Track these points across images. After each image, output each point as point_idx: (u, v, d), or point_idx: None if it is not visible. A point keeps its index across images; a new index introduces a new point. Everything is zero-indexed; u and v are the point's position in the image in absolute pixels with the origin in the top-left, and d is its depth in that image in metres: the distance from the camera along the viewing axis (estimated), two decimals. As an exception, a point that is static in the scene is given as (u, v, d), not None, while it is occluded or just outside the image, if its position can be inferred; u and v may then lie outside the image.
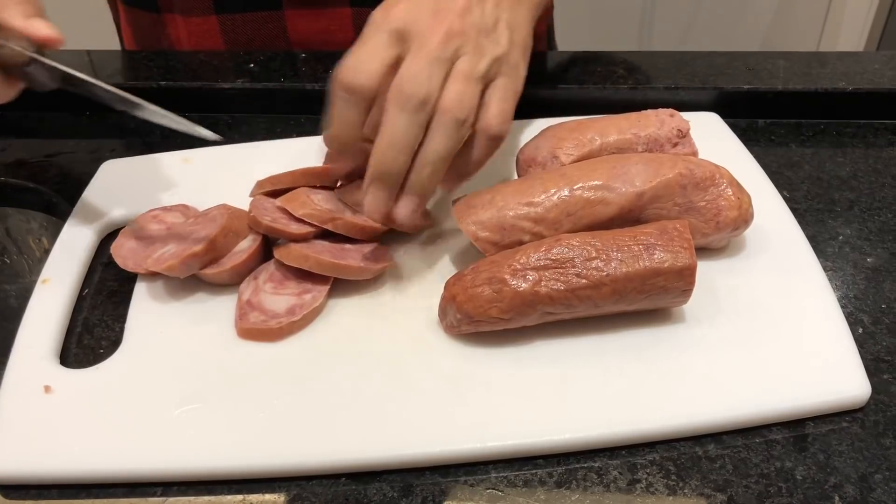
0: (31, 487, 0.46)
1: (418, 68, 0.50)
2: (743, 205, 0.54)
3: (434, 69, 0.51)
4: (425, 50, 0.51)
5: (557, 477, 0.45)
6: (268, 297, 0.53)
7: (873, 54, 0.79)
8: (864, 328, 0.53)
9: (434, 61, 0.51)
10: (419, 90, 0.50)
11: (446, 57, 0.51)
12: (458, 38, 0.52)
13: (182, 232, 0.56)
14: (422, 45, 0.51)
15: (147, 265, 0.54)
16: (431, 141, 0.51)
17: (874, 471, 0.45)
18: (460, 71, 0.52)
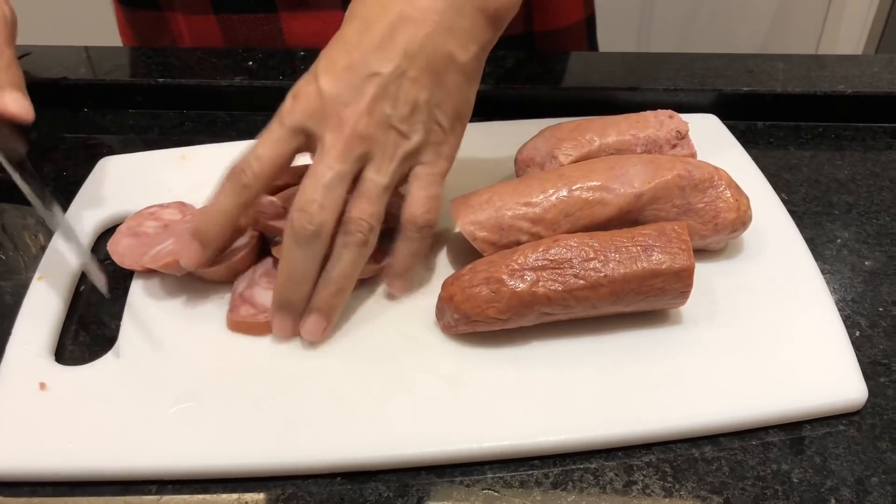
0: (25, 484, 0.45)
1: (311, 196, 0.48)
2: (741, 207, 0.54)
3: (330, 192, 0.48)
4: (322, 165, 0.48)
5: (553, 478, 0.45)
6: (261, 291, 0.53)
7: (872, 57, 0.79)
8: (861, 331, 0.53)
9: (331, 182, 0.48)
10: (310, 224, 0.48)
11: (346, 170, 0.49)
12: (363, 144, 0.49)
13: (179, 229, 0.56)
14: (321, 157, 0.49)
15: (144, 262, 0.54)
16: (334, 262, 0.50)
17: (870, 474, 0.45)
18: (366, 186, 0.49)
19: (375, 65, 0.49)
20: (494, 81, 0.74)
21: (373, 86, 0.48)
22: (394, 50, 0.49)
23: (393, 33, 0.49)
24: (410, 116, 0.50)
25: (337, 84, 0.49)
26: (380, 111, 0.49)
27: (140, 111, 0.77)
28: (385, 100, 0.49)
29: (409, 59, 0.49)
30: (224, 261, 0.54)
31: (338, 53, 0.50)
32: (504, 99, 0.74)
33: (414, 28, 0.49)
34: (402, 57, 0.49)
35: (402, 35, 0.49)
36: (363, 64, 0.49)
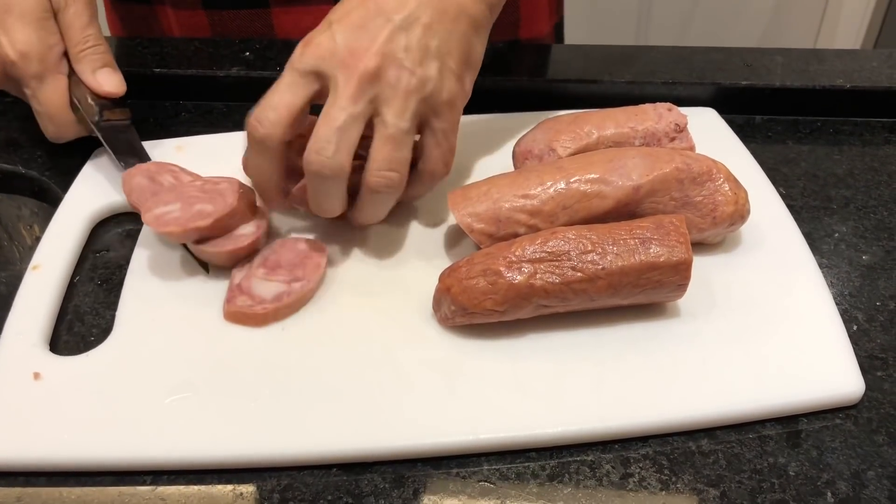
0: (19, 474, 0.45)
1: (326, 138, 0.49)
2: (739, 200, 0.54)
3: (344, 134, 0.49)
4: (335, 107, 0.49)
5: (550, 470, 0.45)
6: (258, 282, 0.53)
7: (871, 52, 0.78)
8: (858, 325, 0.53)
9: (344, 124, 0.49)
10: (325, 168, 0.50)
11: (359, 112, 0.49)
12: (376, 84, 0.49)
13: (190, 196, 0.55)
14: (334, 97, 0.50)
15: (147, 219, 0.54)
16: (362, 211, 0.54)
17: (867, 468, 0.45)
18: (387, 131, 0.50)
19: (389, 11, 0.50)
20: (492, 73, 0.74)
21: (386, 30, 0.50)
22: (409, 1, 0.51)
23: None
24: (423, 60, 0.50)
25: (350, 29, 0.50)
26: (392, 53, 0.50)
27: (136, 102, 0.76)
28: (397, 42, 0.50)
29: (422, 6, 0.51)
30: (228, 246, 0.54)
31: (352, 5, 0.51)
32: (502, 91, 0.74)
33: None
34: (415, 4, 0.51)
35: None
36: (377, 11, 0.50)
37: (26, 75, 0.61)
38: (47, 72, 0.61)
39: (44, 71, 0.61)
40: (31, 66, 0.60)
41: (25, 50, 0.60)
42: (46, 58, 0.61)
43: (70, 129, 0.64)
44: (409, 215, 0.60)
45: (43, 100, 0.62)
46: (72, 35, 0.62)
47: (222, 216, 0.53)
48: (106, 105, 0.63)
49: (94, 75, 0.63)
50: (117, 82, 0.64)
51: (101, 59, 0.63)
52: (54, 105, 0.62)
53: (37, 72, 0.61)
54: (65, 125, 0.63)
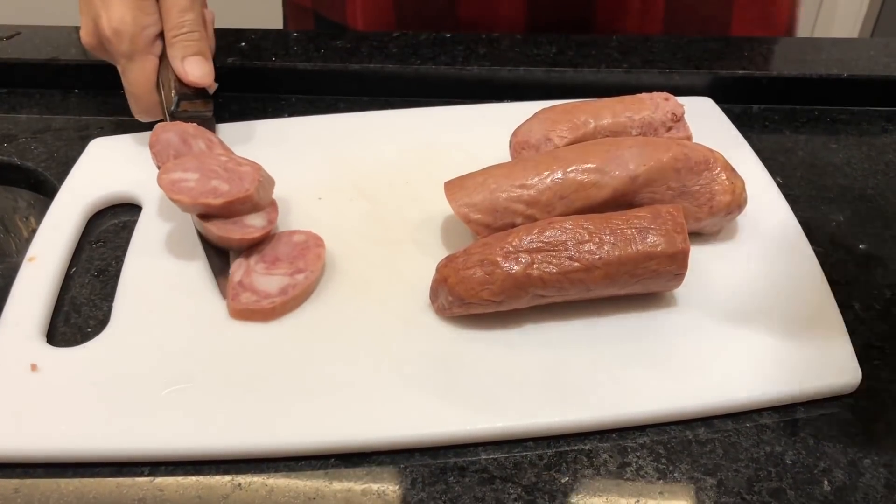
0: (17, 466, 0.45)
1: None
2: (736, 190, 0.54)
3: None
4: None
5: (547, 459, 0.45)
6: (260, 277, 0.53)
7: (868, 41, 0.78)
8: (855, 314, 0.53)
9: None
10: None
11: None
12: None
13: (210, 169, 0.55)
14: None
15: (161, 180, 0.53)
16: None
17: (863, 456, 0.45)
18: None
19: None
20: (489, 63, 0.74)
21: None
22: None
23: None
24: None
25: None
26: None
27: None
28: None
29: None
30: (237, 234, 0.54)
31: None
32: (499, 81, 0.74)
33: None
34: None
35: None
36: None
37: (117, 52, 0.62)
38: (136, 52, 0.62)
39: (133, 51, 0.62)
40: (122, 45, 0.61)
41: (119, 28, 0.61)
42: (138, 38, 0.62)
43: (155, 110, 0.65)
44: (406, 205, 0.60)
45: (130, 79, 0.63)
46: (170, 18, 0.63)
47: (235, 199, 0.53)
48: (187, 95, 0.63)
49: (183, 62, 0.63)
50: (205, 72, 0.64)
51: (194, 47, 0.63)
52: (139, 86, 0.63)
53: (127, 51, 0.62)
54: (150, 106, 0.64)
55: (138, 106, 0.64)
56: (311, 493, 0.44)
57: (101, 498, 0.44)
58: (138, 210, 0.61)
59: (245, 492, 0.44)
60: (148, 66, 0.63)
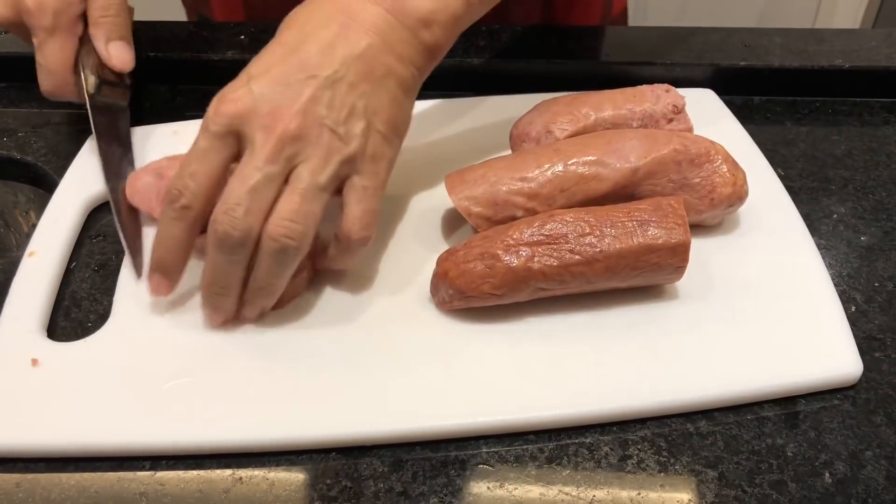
0: (17, 460, 0.45)
1: (236, 198, 0.45)
2: (737, 182, 0.54)
3: (257, 195, 0.45)
4: (250, 166, 0.45)
5: (548, 452, 0.45)
6: None
7: (870, 32, 0.78)
8: (856, 306, 0.53)
9: (258, 184, 0.45)
10: (234, 230, 0.45)
11: (275, 172, 0.45)
12: (295, 144, 0.46)
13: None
14: (250, 157, 0.46)
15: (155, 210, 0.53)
16: (259, 271, 0.47)
17: (864, 448, 0.45)
18: (299, 185, 0.46)
19: (313, 68, 0.47)
20: (489, 55, 0.73)
21: (309, 87, 0.46)
22: (333, 55, 0.47)
23: (333, 41, 0.47)
24: (347, 120, 0.47)
25: (271, 85, 0.46)
26: (315, 112, 0.46)
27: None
28: (321, 102, 0.46)
29: (347, 65, 0.47)
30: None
31: (274, 59, 0.47)
32: (499, 73, 0.74)
33: (355, 38, 0.48)
34: (341, 62, 0.47)
35: (343, 43, 0.47)
36: (300, 67, 0.47)
37: (37, 26, 0.60)
38: (59, 28, 0.61)
39: (56, 26, 0.60)
40: (44, 18, 0.60)
41: (43, 1, 0.59)
42: (62, 14, 0.60)
43: (67, 89, 0.63)
44: (405, 199, 0.60)
45: (47, 53, 0.61)
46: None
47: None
48: (108, 79, 0.63)
49: (107, 45, 0.62)
50: (127, 58, 0.63)
51: (117, 31, 0.63)
52: (56, 62, 0.62)
53: (49, 25, 0.60)
54: (62, 84, 0.63)
55: (50, 82, 0.62)
56: (312, 485, 0.44)
57: (102, 492, 0.44)
58: (138, 204, 0.61)
59: (246, 485, 0.44)
60: (68, 45, 0.61)
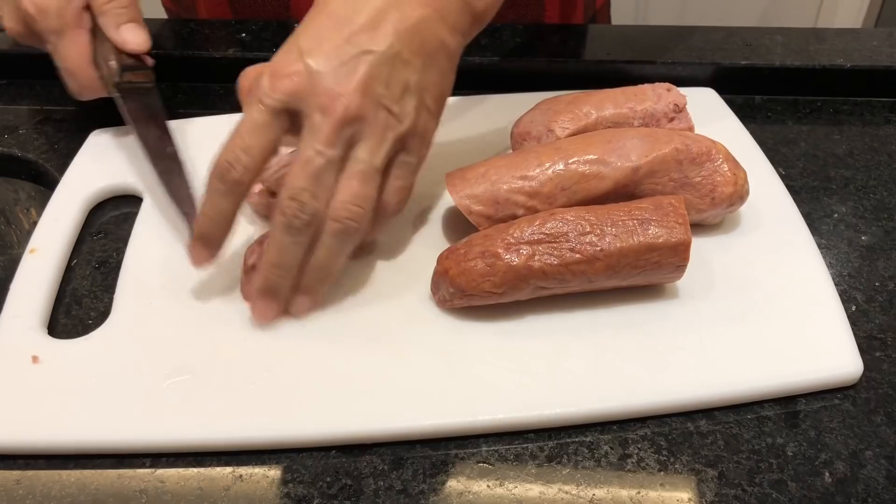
0: (18, 457, 0.45)
1: (304, 182, 0.46)
2: (739, 181, 0.54)
3: (321, 180, 0.46)
4: (314, 148, 0.45)
5: (548, 451, 0.45)
6: None
7: (872, 31, 0.78)
8: (857, 306, 0.53)
9: (321, 169, 0.46)
10: (303, 213, 0.46)
11: (336, 155, 0.46)
12: (356, 123, 0.46)
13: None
14: (310, 140, 0.46)
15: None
16: (320, 252, 0.48)
17: (865, 448, 0.45)
18: (358, 166, 0.47)
19: (367, 42, 0.46)
20: (491, 54, 0.73)
21: (365, 64, 0.46)
22: (386, 28, 0.47)
23: (385, 11, 0.47)
24: (402, 98, 0.47)
25: (327, 61, 0.46)
26: (373, 91, 0.46)
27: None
28: (378, 79, 0.46)
29: (402, 39, 0.47)
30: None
31: (326, 29, 0.47)
32: (500, 72, 0.74)
33: (408, 8, 0.47)
34: (395, 36, 0.47)
35: (395, 14, 0.47)
36: (355, 41, 0.46)
37: (45, 30, 0.60)
38: (66, 27, 0.60)
39: (62, 26, 0.60)
40: (49, 21, 0.59)
41: (43, 4, 0.59)
42: (65, 11, 0.60)
43: (93, 86, 0.62)
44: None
45: (64, 55, 0.61)
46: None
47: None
48: (129, 65, 0.62)
49: (119, 31, 0.61)
50: (143, 38, 0.62)
51: (126, 14, 0.61)
52: (74, 61, 0.61)
53: (56, 27, 0.60)
54: (87, 82, 0.62)
55: (76, 82, 0.62)
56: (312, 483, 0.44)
57: (102, 489, 0.44)
58: (139, 201, 0.61)
59: (246, 483, 0.44)
60: (81, 39, 0.61)
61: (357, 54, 0.46)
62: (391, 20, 0.47)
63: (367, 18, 0.47)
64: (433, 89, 0.49)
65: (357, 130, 0.46)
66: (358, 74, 0.46)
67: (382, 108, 0.47)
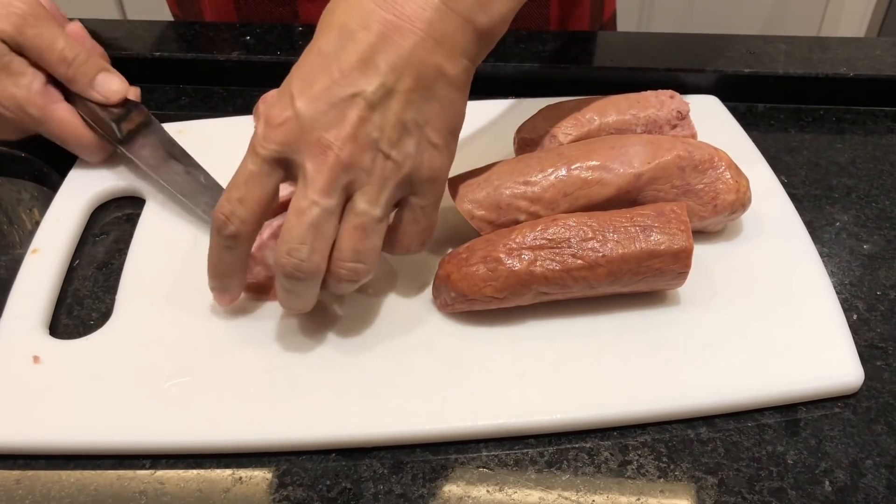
0: (18, 457, 0.45)
1: (299, 238, 0.44)
2: (741, 188, 0.54)
3: (318, 232, 0.44)
4: (306, 200, 0.44)
5: (548, 457, 0.45)
6: (271, 253, 0.51)
7: (875, 40, 0.78)
8: (858, 315, 0.53)
9: (317, 220, 0.44)
10: (301, 270, 0.45)
11: (333, 204, 0.44)
12: (349, 172, 0.44)
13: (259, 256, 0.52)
14: (304, 190, 0.44)
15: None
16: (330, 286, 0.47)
17: (865, 456, 0.45)
18: (356, 219, 0.45)
19: (358, 82, 0.43)
20: (494, 59, 0.73)
21: (356, 108, 0.43)
22: (377, 64, 0.43)
23: (376, 46, 0.43)
24: (400, 139, 0.45)
25: (316, 106, 0.43)
26: (366, 135, 0.44)
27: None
28: (371, 122, 0.44)
29: (395, 74, 0.44)
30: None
31: (314, 70, 0.44)
32: (504, 77, 0.74)
33: (399, 38, 0.44)
34: (387, 72, 0.43)
35: (387, 47, 0.44)
36: (345, 81, 0.43)
37: (29, 123, 0.60)
38: (43, 107, 0.59)
39: (40, 111, 0.59)
40: (30, 112, 0.59)
41: (9, 104, 0.58)
42: (33, 97, 0.58)
43: (97, 148, 0.62)
44: (409, 201, 0.60)
45: (58, 133, 0.60)
46: (46, 60, 0.58)
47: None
48: (120, 114, 0.61)
49: (95, 88, 0.60)
50: (119, 84, 0.61)
51: (92, 69, 0.60)
52: (69, 135, 0.60)
53: (38, 116, 0.59)
54: (90, 147, 0.61)
55: (85, 148, 0.61)
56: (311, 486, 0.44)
57: (101, 490, 0.44)
58: (142, 203, 0.61)
59: (246, 485, 0.44)
60: (64, 113, 0.60)
61: (347, 97, 0.43)
62: (382, 54, 0.44)
63: (356, 55, 0.43)
64: (436, 122, 0.46)
65: (353, 178, 0.44)
66: (348, 120, 0.43)
67: (379, 153, 0.44)
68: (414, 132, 0.45)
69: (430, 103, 0.45)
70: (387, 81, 0.44)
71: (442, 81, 0.45)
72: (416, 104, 0.45)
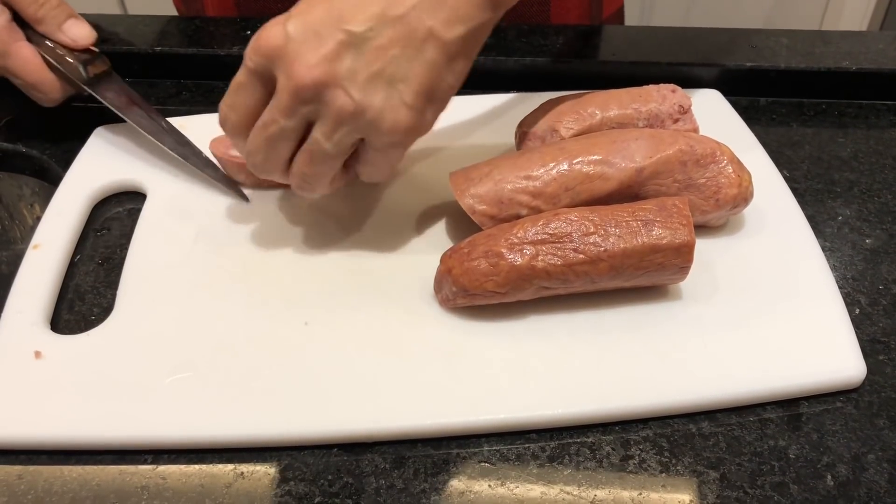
0: (20, 453, 0.45)
1: (255, 146, 0.49)
2: (743, 183, 0.53)
3: (276, 146, 0.48)
4: (272, 114, 0.47)
5: (550, 451, 0.45)
6: None
7: (878, 34, 0.78)
8: (861, 309, 0.53)
9: (276, 135, 0.48)
10: (256, 167, 0.50)
11: (290, 126, 0.47)
12: (311, 101, 0.46)
13: None
14: (273, 102, 0.47)
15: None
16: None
17: (867, 451, 0.45)
18: (309, 146, 0.48)
19: (349, 20, 0.45)
20: (496, 53, 0.73)
21: (336, 41, 0.45)
22: (372, 11, 0.45)
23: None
24: (369, 85, 0.45)
25: (303, 28, 0.45)
26: (333, 69, 0.45)
27: (137, 80, 0.76)
28: (342, 59, 0.45)
29: (384, 23, 0.45)
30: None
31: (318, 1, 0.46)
32: (505, 71, 0.74)
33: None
34: (376, 20, 0.45)
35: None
36: (337, 16, 0.45)
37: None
38: (6, 45, 0.60)
39: (3, 46, 0.60)
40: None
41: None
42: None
43: (57, 89, 0.63)
44: (410, 196, 0.60)
45: (19, 69, 0.61)
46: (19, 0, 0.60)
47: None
48: (86, 59, 0.62)
49: (63, 31, 0.61)
50: (88, 31, 0.63)
51: (62, 14, 0.62)
52: (31, 73, 0.61)
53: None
54: (51, 87, 0.62)
55: (40, 92, 0.62)
56: (313, 481, 0.44)
57: (103, 485, 0.44)
58: (143, 198, 0.61)
59: (247, 480, 0.44)
60: (26, 52, 0.61)
61: (333, 30, 0.45)
62: (381, 4, 0.45)
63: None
64: (413, 82, 0.46)
65: (314, 108, 0.46)
66: (325, 49, 0.45)
67: (340, 90, 0.45)
68: (388, 85, 0.46)
69: (413, 62, 0.46)
70: (375, 27, 0.45)
71: (432, 44, 0.46)
72: (396, 59, 0.46)
